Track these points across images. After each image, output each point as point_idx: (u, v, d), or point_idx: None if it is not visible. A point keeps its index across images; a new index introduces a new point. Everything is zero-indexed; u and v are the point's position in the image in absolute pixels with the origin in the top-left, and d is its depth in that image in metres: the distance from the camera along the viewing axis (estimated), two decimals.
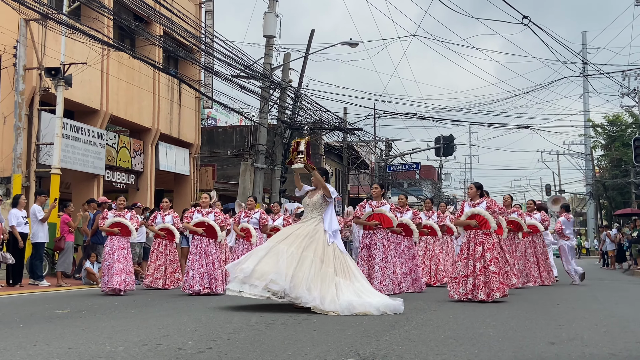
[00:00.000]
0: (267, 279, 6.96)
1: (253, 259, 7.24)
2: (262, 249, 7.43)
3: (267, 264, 7.08)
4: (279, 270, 6.99)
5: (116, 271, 9.95)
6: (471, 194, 8.84)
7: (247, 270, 7.03)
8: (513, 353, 4.54)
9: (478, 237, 8.57)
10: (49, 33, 16.01)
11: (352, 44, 24.00)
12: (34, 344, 4.71)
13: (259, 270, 7.03)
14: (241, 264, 7.28)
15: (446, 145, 33.14)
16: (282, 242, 7.34)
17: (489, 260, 8.41)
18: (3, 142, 16.27)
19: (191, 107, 24.01)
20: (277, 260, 7.09)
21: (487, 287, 8.34)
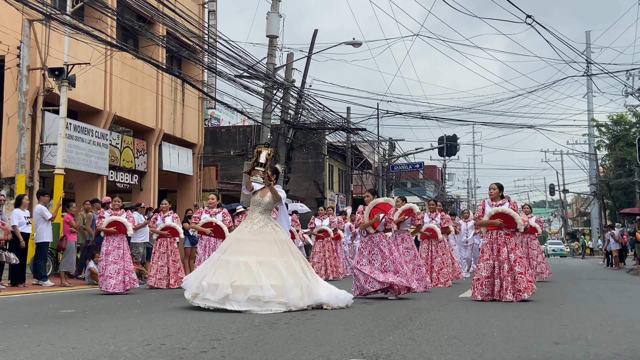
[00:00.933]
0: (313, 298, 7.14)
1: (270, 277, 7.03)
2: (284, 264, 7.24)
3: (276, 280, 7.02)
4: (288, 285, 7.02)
5: (110, 274, 10.01)
6: (493, 195, 8.79)
7: (268, 294, 6.86)
8: (517, 353, 4.53)
9: (501, 238, 8.55)
10: (52, 33, 16.03)
11: (356, 43, 23.99)
12: (37, 344, 4.72)
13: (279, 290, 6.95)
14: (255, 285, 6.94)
15: (449, 145, 33.07)
16: (274, 255, 7.23)
17: (514, 260, 8.42)
18: (7, 142, 16.30)
19: (194, 107, 24.02)
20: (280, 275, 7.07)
21: (514, 287, 8.37)
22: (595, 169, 47.91)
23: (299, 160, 30.50)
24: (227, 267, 7.05)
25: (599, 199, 48.62)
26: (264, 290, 6.79)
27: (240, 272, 6.95)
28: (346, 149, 33.16)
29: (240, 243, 7.35)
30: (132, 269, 10.51)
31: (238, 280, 6.87)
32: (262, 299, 6.76)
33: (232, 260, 7.11)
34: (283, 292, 6.89)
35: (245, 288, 6.79)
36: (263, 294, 6.77)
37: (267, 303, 6.76)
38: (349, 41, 24.09)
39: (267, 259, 7.11)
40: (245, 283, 6.84)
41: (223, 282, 6.87)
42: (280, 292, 6.87)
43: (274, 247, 7.29)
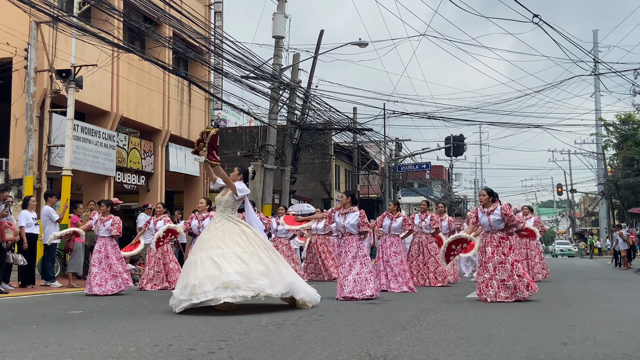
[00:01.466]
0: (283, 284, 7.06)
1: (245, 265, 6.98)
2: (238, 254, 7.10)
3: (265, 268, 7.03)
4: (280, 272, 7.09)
5: (93, 276, 10.15)
6: (484, 201, 8.77)
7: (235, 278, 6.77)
8: (525, 353, 4.51)
9: (494, 242, 8.54)
10: (59, 35, 16.10)
11: (362, 44, 23.99)
12: (46, 345, 4.73)
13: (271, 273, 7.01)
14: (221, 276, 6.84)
15: (456, 145, 33.01)
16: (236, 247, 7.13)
17: (512, 263, 8.41)
18: (15, 144, 16.37)
19: (201, 108, 24.06)
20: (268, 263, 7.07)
21: (517, 288, 8.35)
22: (603, 168, 47.71)
23: (306, 160, 30.53)
24: (191, 267, 7.04)
25: (607, 198, 48.43)
26: (230, 276, 6.69)
27: (203, 265, 6.89)
28: (353, 149, 33.15)
29: (202, 242, 7.32)
30: (119, 270, 10.42)
31: (203, 273, 6.80)
32: (230, 285, 6.66)
33: (195, 258, 7.10)
34: (250, 278, 6.80)
35: (212, 277, 6.72)
36: (229, 279, 6.68)
37: (237, 288, 6.67)
38: (355, 41, 24.09)
39: (229, 251, 7.01)
40: (210, 273, 6.77)
41: (190, 281, 6.84)
42: (248, 278, 6.78)
43: (237, 239, 7.17)
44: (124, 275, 10.35)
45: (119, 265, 10.36)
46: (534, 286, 8.56)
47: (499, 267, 8.42)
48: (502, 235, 8.56)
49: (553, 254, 56.39)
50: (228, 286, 6.66)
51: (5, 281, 11.07)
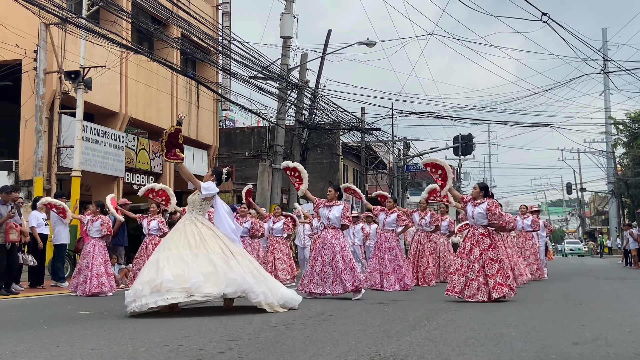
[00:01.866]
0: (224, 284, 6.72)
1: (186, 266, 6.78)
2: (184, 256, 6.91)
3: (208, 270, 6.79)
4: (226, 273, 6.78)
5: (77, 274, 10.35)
6: (475, 194, 8.79)
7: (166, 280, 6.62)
8: (536, 353, 4.49)
9: (474, 238, 8.52)
10: (68, 37, 16.18)
11: (370, 43, 23.96)
12: (57, 345, 4.75)
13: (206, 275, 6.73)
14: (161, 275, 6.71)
15: (465, 145, 32.91)
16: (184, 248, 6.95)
17: (485, 261, 8.35)
18: (24, 145, 16.46)
19: (209, 108, 24.12)
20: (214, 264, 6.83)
21: (486, 288, 8.28)
22: (612, 167, 47.44)
23: (314, 160, 30.52)
24: (143, 270, 7.08)
25: (617, 197, 48.14)
26: (162, 279, 6.57)
27: (149, 269, 6.86)
28: (361, 149, 33.12)
29: (160, 244, 7.33)
30: (101, 272, 10.46)
31: (145, 277, 6.78)
32: (161, 288, 6.53)
33: (147, 261, 7.19)
34: (185, 279, 6.60)
35: (149, 282, 6.65)
36: (160, 281, 6.56)
37: (168, 291, 6.53)
38: (363, 41, 24.06)
39: (176, 253, 6.86)
40: (149, 278, 6.71)
41: (136, 285, 6.84)
42: (182, 280, 6.59)
43: (190, 240, 6.99)
44: (102, 278, 10.36)
45: (102, 267, 10.44)
46: (503, 291, 8.25)
47: (472, 265, 8.38)
48: (482, 232, 8.51)
49: (563, 253, 56.16)
50: (159, 290, 6.54)
51: (16, 282, 11.13)
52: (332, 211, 9.19)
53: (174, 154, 7.36)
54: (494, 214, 8.50)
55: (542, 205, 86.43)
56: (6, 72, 16.28)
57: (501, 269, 8.32)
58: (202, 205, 7.36)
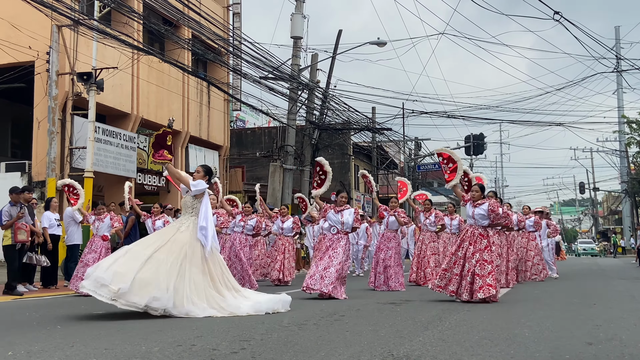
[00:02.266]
0: (149, 296, 6.44)
1: (131, 266, 6.56)
2: (141, 256, 6.69)
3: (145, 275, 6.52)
4: (159, 285, 6.49)
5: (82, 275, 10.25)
6: (476, 196, 8.74)
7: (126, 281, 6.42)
8: (550, 354, 4.47)
9: (473, 237, 8.47)
10: (80, 38, 16.28)
11: (380, 43, 23.92)
12: (71, 345, 4.78)
13: (139, 282, 6.46)
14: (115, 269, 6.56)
15: (476, 144, 32.82)
16: (161, 250, 6.76)
17: (477, 260, 8.31)
18: (37, 146, 16.58)
19: (220, 109, 24.17)
20: (157, 272, 6.57)
21: (471, 287, 8.25)
22: (626, 166, 47.09)
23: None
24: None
25: (630, 196, 47.77)
26: (103, 274, 6.47)
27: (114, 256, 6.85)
28: (372, 149, 33.08)
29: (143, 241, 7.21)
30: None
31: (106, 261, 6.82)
32: (99, 280, 6.43)
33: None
34: (119, 279, 6.40)
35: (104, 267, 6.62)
36: (101, 276, 6.46)
37: (102, 286, 6.40)
38: (374, 41, 24.03)
39: (141, 251, 6.73)
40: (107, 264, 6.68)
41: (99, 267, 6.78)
42: (119, 279, 6.40)
43: (160, 243, 6.84)
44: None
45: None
46: (490, 292, 8.17)
47: (458, 261, 8.37)
48: (481, 232, 8.50)
49: (576, 253, 55.82)
50: (98, 282, 6.46)
51: (30, 282, 11.20)
52: (345, 216, 9.29)
53: (160, 155, 7.36)
54: (497, 214, 8.50)
55: (555, 205, 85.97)
56: (19, 74, 16.41)
57: (493, 271, 8.31)
58: (194, 204, 7.19)
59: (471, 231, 8.57)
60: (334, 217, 9.32)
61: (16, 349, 4.62)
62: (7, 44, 15.29)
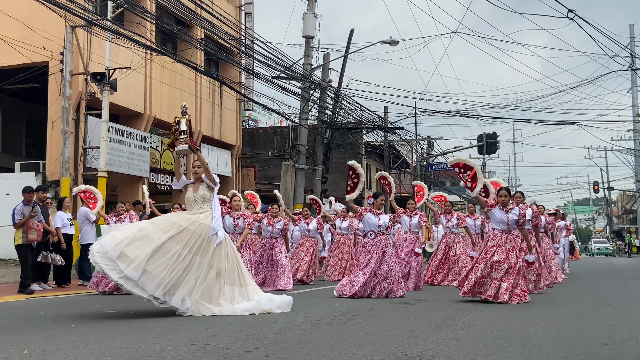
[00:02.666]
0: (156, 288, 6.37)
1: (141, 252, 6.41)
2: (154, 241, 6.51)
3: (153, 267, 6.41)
4: (165, 278, 6.40)
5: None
6: (505, 201, 8.56)
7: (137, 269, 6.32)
8: (565, 354, 4.44)
9: (510, 242, 8.33)
10: (94, 39, 16.37)
11: (392, 42, 23.88)
12: (86, 344, 4.80)
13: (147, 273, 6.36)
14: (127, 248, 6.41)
15: (489, 143, 32.66)
16: (175, 238, 6.61)
17: (510, 267, 8.19)
18: (51, 146, 16.69)
19: (232, 109, 24.22)
20: (165, 264, 6.45)
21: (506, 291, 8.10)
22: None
23: (337, 160, 30.49)
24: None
25: None
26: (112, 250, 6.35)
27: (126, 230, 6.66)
28: (384, 148, 33.03)
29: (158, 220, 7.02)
30: None
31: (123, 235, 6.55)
32: (110, 256, 6.32)
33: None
34: (128, 263, 6.31)
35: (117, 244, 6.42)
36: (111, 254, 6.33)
37: (110, 261, 6.32)
38: (386, 40, 23.98)
39: (156, 235, 6.55)
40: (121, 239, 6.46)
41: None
42: (128, 263, 6.31)
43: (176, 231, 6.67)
44: None
45: None
46: (526, 298, 8.21)
47: (496, 266, 8.21)
48: (514, 236, 8.42)
49: (590, 253, 55.43)
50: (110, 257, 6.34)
51: (44, 281, 11.28)
52: (382, 219, 9.32)
53: (193, 142, 7.18)
54: (536, 217, 8.46)
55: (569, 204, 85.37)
56: (33, 74, 16.53)
57: (525, 276, 8.25)
58: (210, 198, 7.09)
59: (504, 236, 8.39)
60: (373, 220, 9.28)
61: (32, 347, 4.65)
62: (21, 45, 15.41)
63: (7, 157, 19.12)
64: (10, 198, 14.43)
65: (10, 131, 21.06)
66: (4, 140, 20.77)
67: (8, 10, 15.22)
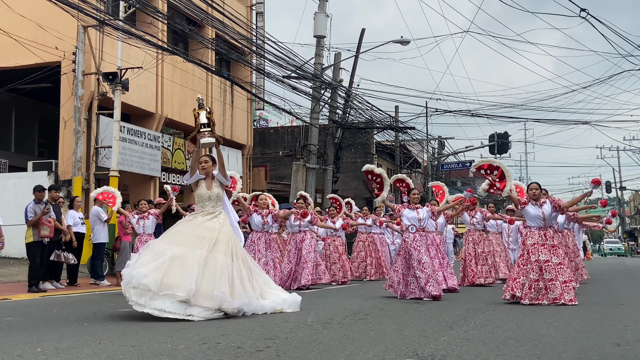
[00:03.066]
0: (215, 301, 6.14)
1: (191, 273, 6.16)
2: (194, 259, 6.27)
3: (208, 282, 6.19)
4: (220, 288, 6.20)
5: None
6: (537, 194, 8.42)
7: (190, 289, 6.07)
8: (577, 354, 4.42)
9: (554, 239, 8.20)
10: (106, 39, 16.45)
11: (404, 42, 23.84)
12: (98, 342, 4.83)
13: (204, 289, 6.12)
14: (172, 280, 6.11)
15: (501, 143, 32.52)
16: (215, 251, 6.41)
17: (556, 266, 8.01)
18: (64, 145, 16.79)
19: (243, 108, 24.27)
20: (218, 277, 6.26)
21: (548, 295, 7.95)
22: None
23: (348, 160, 30.49)
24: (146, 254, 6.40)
25: None
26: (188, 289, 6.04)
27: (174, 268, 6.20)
28: (395, 148, 32.98)
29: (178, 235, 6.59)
30: None
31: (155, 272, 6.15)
32: (188, 300, 6.05)
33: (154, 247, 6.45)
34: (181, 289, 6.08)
35: (161, 282, 6.07)
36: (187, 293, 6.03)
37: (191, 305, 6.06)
38: (397, 39, 23.94)
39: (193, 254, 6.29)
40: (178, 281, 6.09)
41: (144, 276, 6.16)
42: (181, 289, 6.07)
43: (220, 246, 6.49)
44: None
45: None
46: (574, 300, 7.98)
47: (544, 266, 8.03)
48: (553, 232, 8.30)
49: (602, 253, 55.07)
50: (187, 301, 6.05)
51: (57, 279, 11.36)
52: (421, 213, 9.11)
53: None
54: (561, 207, 8.44)
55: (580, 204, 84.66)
56: (46, 74, 16.63)
57: (570, 273, 8.13)
58: (223, 197, 6.96)
59: (542, 233, 8.24)
60: (411, 214, 9.10)
61: (44, 345, 4.69)
62: (34, 45, 15.51)
63: (20, 157, 19.25)
64: (21, 197, 14.53)
65: (23, 131, 21.21)
66: (17, 139, 20.91)
67: (21, 11, 15.33)
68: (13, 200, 15.21)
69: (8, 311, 7.32)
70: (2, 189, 16.60)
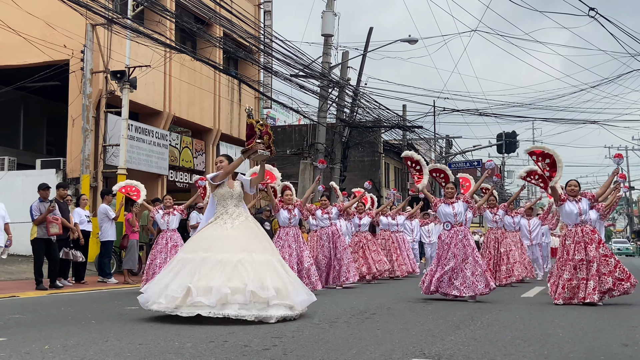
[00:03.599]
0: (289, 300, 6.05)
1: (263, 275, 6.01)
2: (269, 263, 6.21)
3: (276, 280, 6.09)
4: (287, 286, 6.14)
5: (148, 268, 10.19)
6: (576, 191, 8.29)
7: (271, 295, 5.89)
8: (584, 355, 4.40)
9: (589, 235, 8.02)
10: (114, 37, 16.51)
11: (411, 40, 23.79)
12: (105, 340, 4.85)
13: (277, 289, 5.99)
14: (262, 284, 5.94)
15: (509, 142, 32.45)
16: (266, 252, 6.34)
17: (600, 259, 7.86)
18: (72, 144, 16.86)
19: (251, 106, 24.28)
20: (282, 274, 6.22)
21: (600, 288, 7.78)
22: None
23: (355, 158, 30.48)
24: (217, 267, 6.00)
25: None
26: (266, 291, 5.86)
27: (236, 270, 5.96)
28: (402, 147, 32.93)
29: (225, 240, 6.30)
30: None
31: (234, 279, 5.88)
32: (267, 301, 5.83)
33: (221, 258, 6.06)
34: (286, 294, 6.03)
35: (242, 289, 5.80)
36: (267, 295, 5.84)
37: (272, 306, 5.85)
38: (405, 38, 23.90)
39: (262, 257, 6.19)
40: (242, 284, 5.84)
41: (217, 283, 5.82)
42: (285, 295, 6.01)
43: (264, 244, 6.45)
44: None
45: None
46: (623, 287, 7.77)
47: (579, 265, 7.87)
48: (591, 228, 8.14)
49: None
50: (266, 301, 5.84)
51: (64, 277, 11.40)
52: (457, 207, 8.73)
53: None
54: (599, 202, 8.39)
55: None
56: (54, 72, 16.70)
57: (618, 263, 7.96)
58: (242, 197, 6.88)
59: (578, 230, 8.07)
60: (447, 210, 8.76)
61: (52, 342, 4.71)
62: (42, 43, 15.57)
63: (28, 155, 19.34)
64: (30, 195, 14.58)
65: (31, 129, 21.30)
66: (25, 137, 21.01)
67: (29, 9, 15.39)
68: (21, 198, 15.26)
69: (16, 308, 7.36)
70: (11, 187, 16.66)
